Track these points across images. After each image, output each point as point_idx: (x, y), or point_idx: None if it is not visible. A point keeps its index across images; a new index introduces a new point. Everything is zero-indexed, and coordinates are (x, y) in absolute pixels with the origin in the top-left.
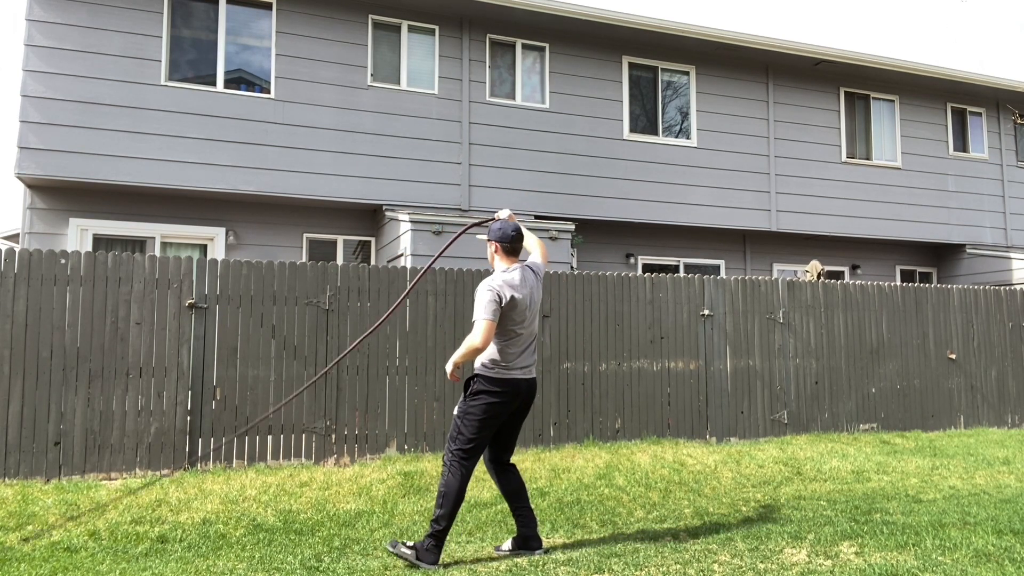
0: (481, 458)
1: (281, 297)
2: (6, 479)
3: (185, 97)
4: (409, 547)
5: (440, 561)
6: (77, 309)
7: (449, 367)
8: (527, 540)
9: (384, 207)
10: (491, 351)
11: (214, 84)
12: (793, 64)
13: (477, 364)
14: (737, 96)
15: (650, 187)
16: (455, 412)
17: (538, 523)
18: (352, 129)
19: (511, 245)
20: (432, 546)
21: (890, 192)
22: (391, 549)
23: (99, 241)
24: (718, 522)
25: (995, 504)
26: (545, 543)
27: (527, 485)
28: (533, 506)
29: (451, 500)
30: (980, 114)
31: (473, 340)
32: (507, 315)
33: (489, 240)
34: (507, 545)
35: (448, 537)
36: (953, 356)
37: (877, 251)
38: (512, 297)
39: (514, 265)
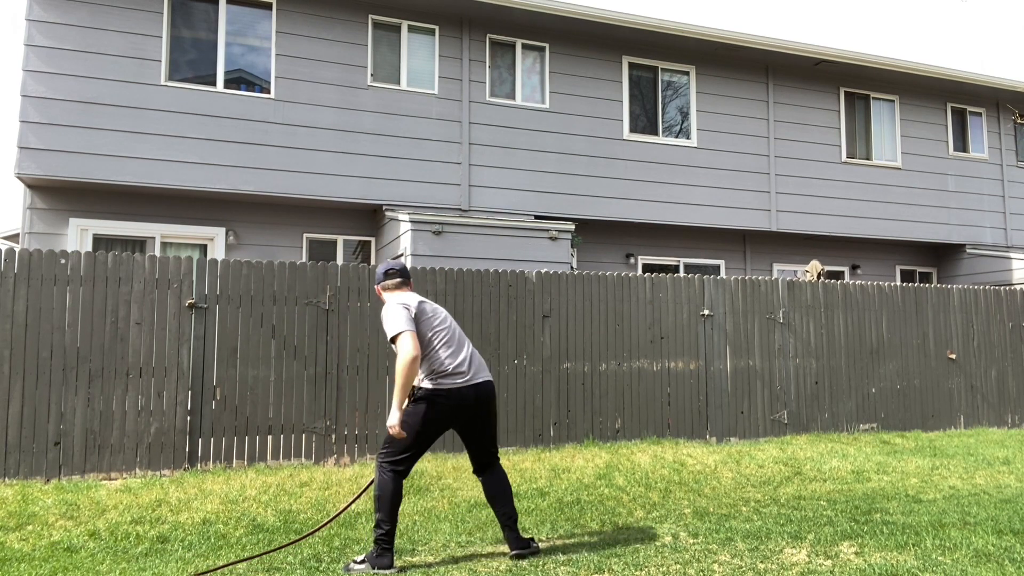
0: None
1: (281, 297)
2: (6, 479)
3: (185, 97)
4: (360, 561)
5: (394, 564)
6: (77, 309)
7: (395, 418)
8: (509, 542)
9: (384, 207)
10: (425, 362)
11: (214, 84)
12: (793, 64)
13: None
14: (737, 96)
15: (650, 187)
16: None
17: (518, 524)
18: (352, 129)
19: (400, 279)
20: (382, 551)
21: (890, 192)
22: (345, 573)
23: (99, 241)
24: (718, 522)
25: (995, 504)
26: (545, 543)
27: (527, 485)
28: (533, 506)
29: (387, 502)
30: (980, 114)
31: (404, 356)
32: (421, 321)
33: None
34: None
35: (448, 538)
36: (953, 356)
37: (877, 251)
38: (420, 303)
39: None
